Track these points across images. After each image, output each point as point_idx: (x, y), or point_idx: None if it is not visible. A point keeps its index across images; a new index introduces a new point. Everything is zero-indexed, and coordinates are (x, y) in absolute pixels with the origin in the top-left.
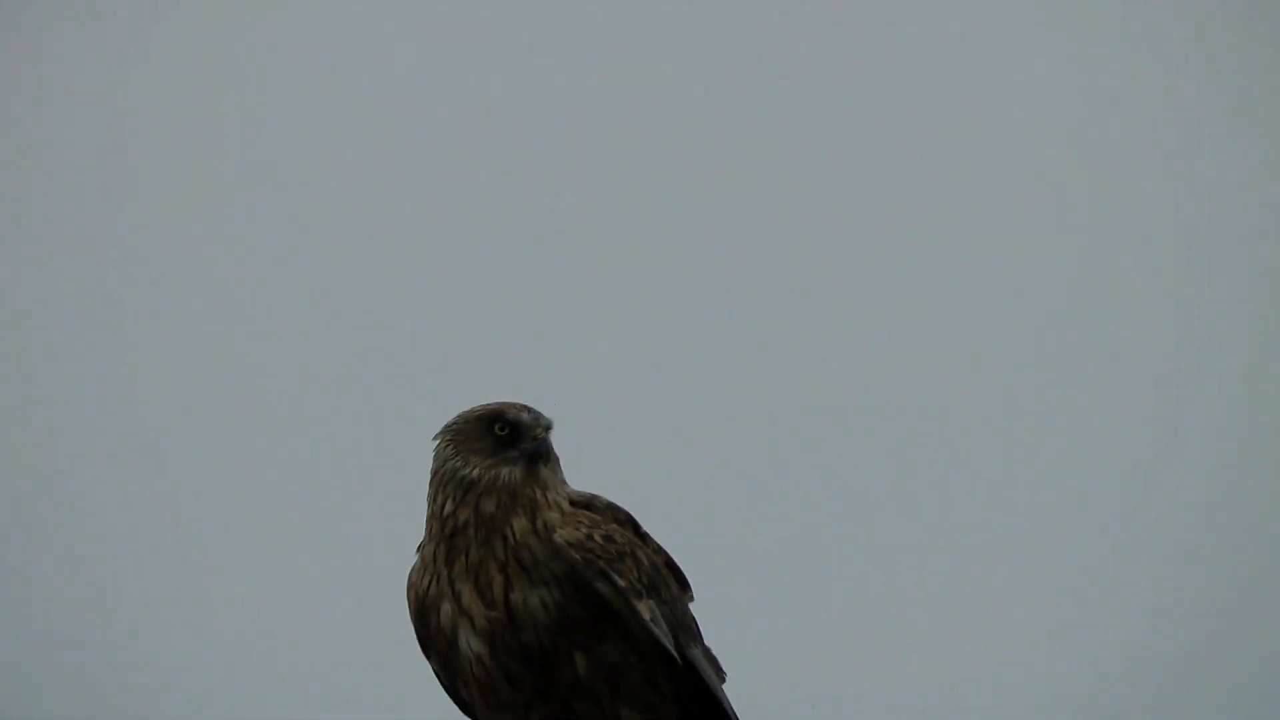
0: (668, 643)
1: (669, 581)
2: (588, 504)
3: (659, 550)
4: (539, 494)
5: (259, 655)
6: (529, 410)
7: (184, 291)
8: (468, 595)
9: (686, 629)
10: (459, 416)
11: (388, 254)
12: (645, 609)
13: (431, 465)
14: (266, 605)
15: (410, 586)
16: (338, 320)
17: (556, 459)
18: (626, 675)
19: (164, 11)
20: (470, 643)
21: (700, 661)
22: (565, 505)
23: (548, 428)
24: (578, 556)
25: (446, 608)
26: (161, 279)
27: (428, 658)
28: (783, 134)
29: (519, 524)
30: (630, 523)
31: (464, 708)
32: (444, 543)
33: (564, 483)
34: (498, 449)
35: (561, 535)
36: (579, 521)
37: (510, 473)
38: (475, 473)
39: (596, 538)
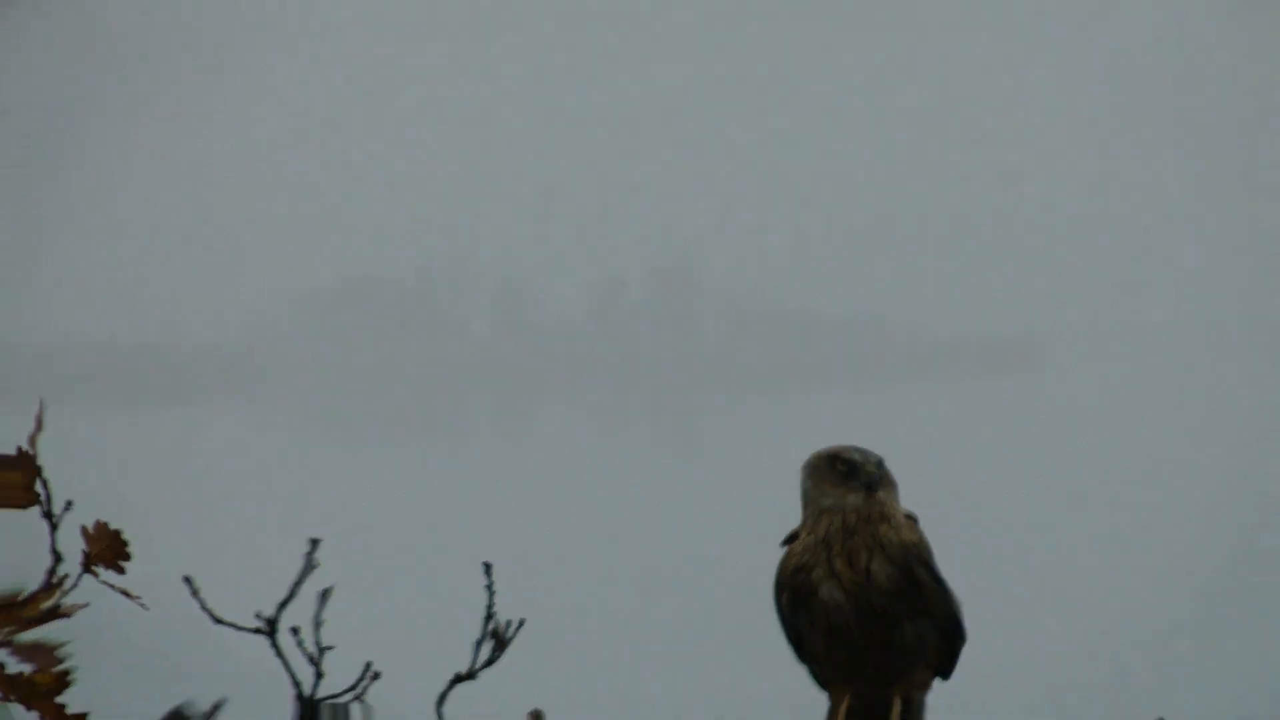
0: (962, 618)
1: None
2: (912, 517)
3: None
4: (883, 510)
5: None
6: (859, 450)
7: None
8: (840, 565)
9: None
10: (812, 455)
11: None
12: (953, 594)
13: (800, 488)
14: None
15: (789, 556)
16: None
17: (893, 482)
18: (929, 641)
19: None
20: (834, 594)
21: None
22: (902, 517)
23: (876, 463)
24: (915, 552)
25: (819, 572)
26: None
27: (777, 600)
28: None
29: (882, 529)
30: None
31: (797, 645)
32: (821, 540)
33: (897, 499)
34: (843, 480)
35: (905, 536)
36: (913, 529)
37: (855, 498)
38: (829, 501)
39: (925, 540)
